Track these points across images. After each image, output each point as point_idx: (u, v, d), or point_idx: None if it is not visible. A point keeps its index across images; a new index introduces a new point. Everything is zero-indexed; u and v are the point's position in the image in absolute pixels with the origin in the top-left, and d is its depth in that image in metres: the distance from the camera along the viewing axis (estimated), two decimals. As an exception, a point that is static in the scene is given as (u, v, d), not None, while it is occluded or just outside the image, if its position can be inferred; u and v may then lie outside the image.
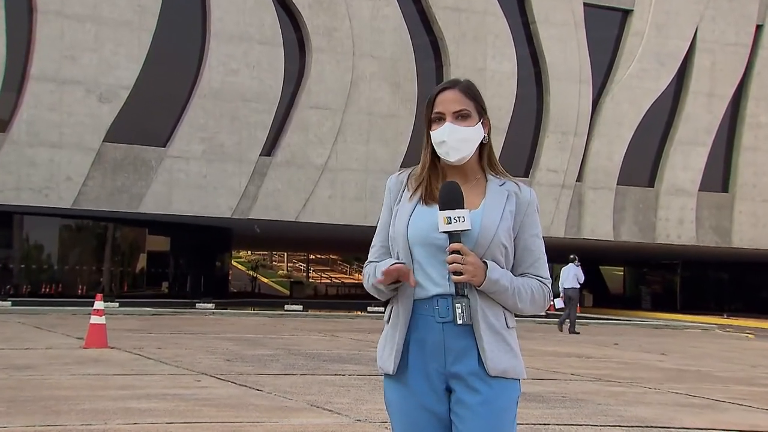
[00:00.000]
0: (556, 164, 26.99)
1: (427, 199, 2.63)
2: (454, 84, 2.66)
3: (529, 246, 2.65)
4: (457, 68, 25.40)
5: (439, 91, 2.65)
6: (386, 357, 2.65)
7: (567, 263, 19.54)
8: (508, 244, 2.61)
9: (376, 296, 2.71)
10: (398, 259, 2.64)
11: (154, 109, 23.16)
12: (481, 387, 2.55)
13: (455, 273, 2.51)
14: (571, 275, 19.32)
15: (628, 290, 45.02)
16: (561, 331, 19.60)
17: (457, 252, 2.51)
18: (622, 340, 18.29)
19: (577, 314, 20.38)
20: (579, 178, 27.45)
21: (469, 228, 2.52)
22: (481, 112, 2.67)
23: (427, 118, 2.67)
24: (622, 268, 46.47)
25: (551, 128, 26.97)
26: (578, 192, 27.46)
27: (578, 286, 19.49)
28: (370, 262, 2.76)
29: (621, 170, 27.75)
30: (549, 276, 2.68)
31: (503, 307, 2.60)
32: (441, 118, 2.63)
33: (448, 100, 2.63)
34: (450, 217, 2.52)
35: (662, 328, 24.90)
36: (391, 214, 2.71)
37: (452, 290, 2.56)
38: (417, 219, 2.62)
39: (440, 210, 2.54)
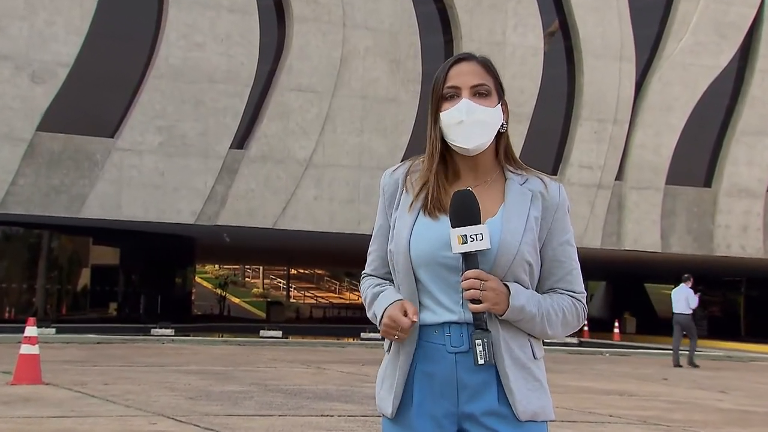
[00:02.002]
0: (591, 159, 27.02)
1: (432, 208, 2.63)
2: (470, 55, 2.67)
3: (559, 257, 2.65)
4: (470, 42, 25.43)
5: (453, 63, 2.65)
6: (385, 395, 2.65)
7: (678, 283, 20.11)
8: (533, 260, 2.61)
9: (374, 322, 2.72)
10: (399, 280, 2.64)
11: (99, 91, 23.15)
12: (501, 430, 2.56)
13: (472, 301, 2.51)
14: (683, 299, 19.72)
15: (679, 313, 44.93)
16: (679, 365, 19.81)
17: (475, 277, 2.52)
18: (673, 373, 18.29)
19: (619, 342, 20.48)
20: (619, 177, 27.48)
21: (489, 247, 2.52)
22: (500, 92, 2.67)
23: (437, 96, 2.65)
24: (672, 287, 46.34)
25: (585, 115, 26.99)
26: (618, 193, 27.48)
27: (690, 311, 19.87)
28: (368, 275, 2.76)
29: (670, 166, 27.78)
30: (583, 289, 2.69)
31: (528, 334, 2.61)
32: (455, 95, 2.62)
33: (466, 72, 2.62)
34: (465, 236, 2.52)
35: (722, 359, 24.91)
36: (387, 219, 2.71)
37: (467, 318, 2.56)
38: (421, 234, 2.61)
39: (453, 227, 2.54)
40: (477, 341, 2.51)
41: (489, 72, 2.64)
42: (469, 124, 2.59)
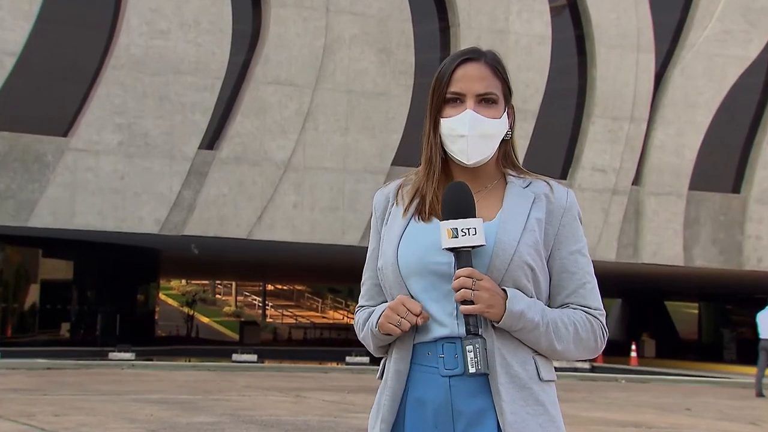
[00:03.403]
0: (604, 161, 27.07)
1: (423, 212, 2.64)
2: (479, 54, 2.68)
3: (569, 267, 2.66)
4: (469, 30, 25.48)
5: (460, 63, 2.66)
6: (376, 428, 2.66)
7: (764, 307, 20.87)
8: (536, 264, 2.61)
9: (374, 353, 2.72)
10: (392, 297, 2.64)
11: (50, 84, 23.10)
12: (500, 466, 2.56)
13: (464, 302, 2.51)
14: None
15: (704, 335, 45.03)
16: (762, 395, 20.61)
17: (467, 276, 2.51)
18: (697, 403, 18.30)
19: (636, 367, 20.56)
20: (636, 181, 27.53)
21: (483, 243, 2.53)
22: (508, 97, 2.70)
23: (438, 97, 2.67)
24: (697, 305, 46.44)
25: (598, 112, 27.05)
26: (635, 199, 27.53)
27: None
28: (362, 307, 2.77)
29: (694, 170, 27.85)
30: (601, 306, 2.68)
31: (533, 350, 2.61)
32: (459, 101, 2.64)
33: (473, 77, 2.64)
34: (456, 229, 2.52)
35: (752, 387, 24.93)
36: (380, 241, 2.73)
37: (461, 332, 2.56)
38: (410, 239, 2.63)
39: (443, 219, 2.55)
40: (468, 347, 2.50)
41: (498, 75, 2.66)
42: (471, 139, 2.61)
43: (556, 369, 2.68)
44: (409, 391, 2.61)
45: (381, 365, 2.70)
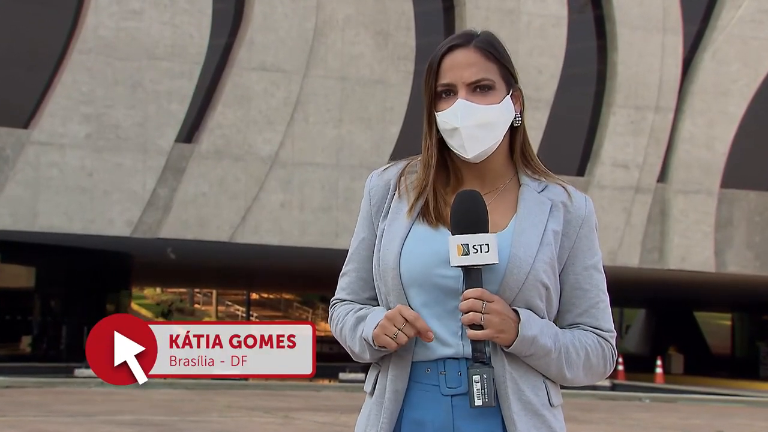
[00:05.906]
0: (626, 156, 27.07)
1: (428, 215, 2.66)
2: (468, 38, 2.69)
3: (583, 284, 2.68)
4: (476, 9, 25.48)
5: (446, 51, 2.68)
6: None
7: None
8: (551, 283, 2.63)
9: (353, 356, 2.72)
10: (388, 303, 2.65)
11: (9, 69, 23.09)
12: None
13: (472, 326, 2.53)
14: None
15: (738, 349, 45.01)
16: None
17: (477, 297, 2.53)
18: (730, 425, 18.31)
19: (662, 385, 20.53)
20: (662, 178, 27.53)
21: (496, 261, 2.55)
22: (510, 79, 2.70)
23: (430, 91, 2.69)
24: (729, 316, 46.40)
25: (620, 101, 27.05)
26: (661, 198, 27.53)
27: None
28: (341, 300, 2.77)
29: (727, 165, 27.85)
30: (612, 327, 2.70)
31: (544, 375, 2.63)
32: (451, 92, 2.66)
33: (460, 64, 2.65)
34: (467, 245, 2.54)
35: (790, 406, 24.97)
36: (372, 231, 2.73)
37: (466, 352, 2.59)
38: (414, 246, 2.64)
39: (453, 234, 2.56)
40: (474, 377, 2.52)
41: (491, 57, 2.66)
42: (466, 130, 2.62)
43: (571, 387, 2.70)
44: (405, 412, 2.63)
45: (371, 379, 2.70)
